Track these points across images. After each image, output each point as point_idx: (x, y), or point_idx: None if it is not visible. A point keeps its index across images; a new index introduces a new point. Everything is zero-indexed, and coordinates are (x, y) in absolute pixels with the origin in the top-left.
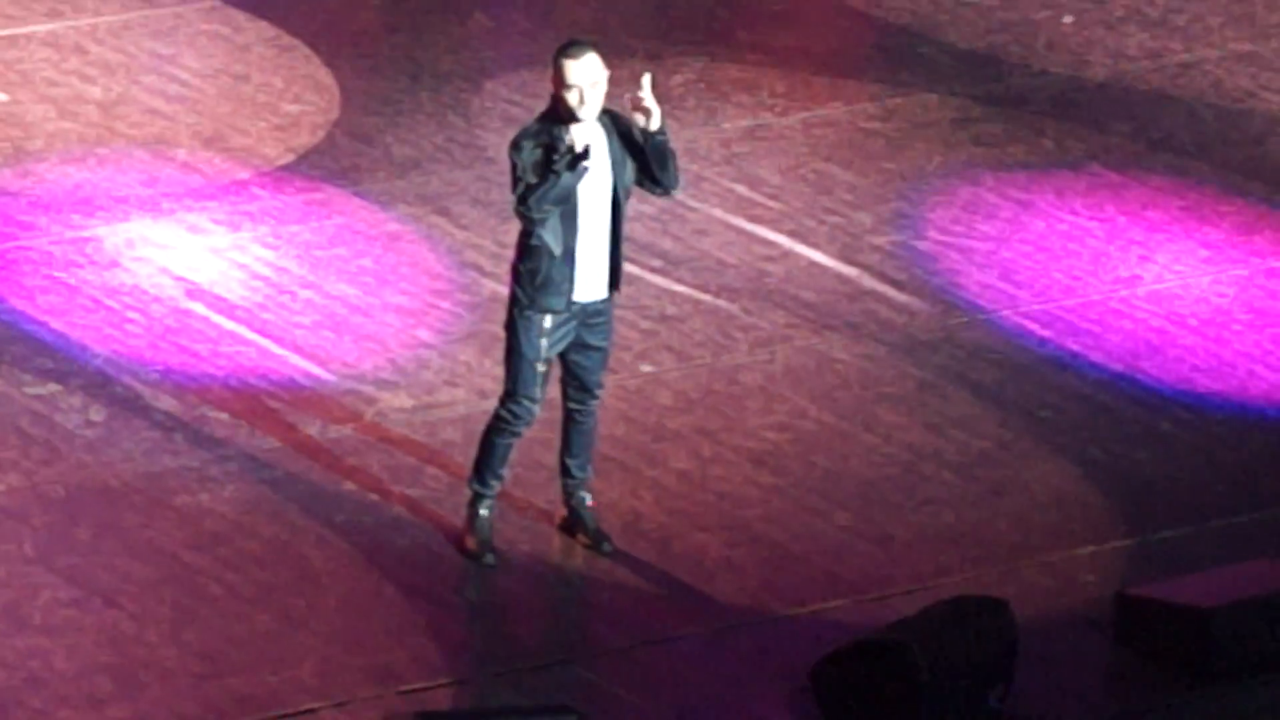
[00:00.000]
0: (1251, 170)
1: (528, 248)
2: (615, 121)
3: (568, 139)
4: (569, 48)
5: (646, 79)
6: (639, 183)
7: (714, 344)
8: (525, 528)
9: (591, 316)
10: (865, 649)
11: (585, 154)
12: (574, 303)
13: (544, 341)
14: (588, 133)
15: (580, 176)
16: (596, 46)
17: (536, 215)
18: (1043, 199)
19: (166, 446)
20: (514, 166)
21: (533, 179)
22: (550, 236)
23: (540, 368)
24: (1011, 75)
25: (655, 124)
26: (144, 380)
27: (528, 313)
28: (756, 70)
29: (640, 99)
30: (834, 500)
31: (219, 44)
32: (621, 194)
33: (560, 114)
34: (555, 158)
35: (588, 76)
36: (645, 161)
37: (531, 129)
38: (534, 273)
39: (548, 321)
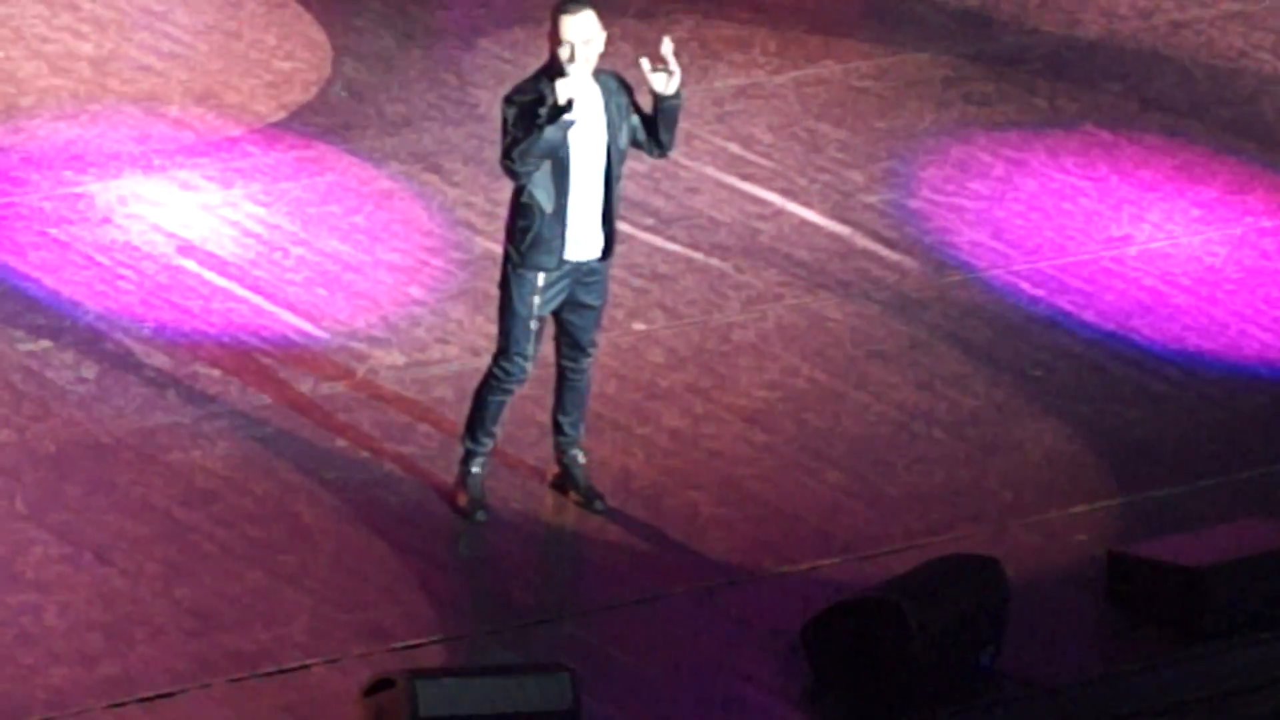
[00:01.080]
0: (1243, 129)
1: (520, 205)
2: (617, 83)
3: (553, 93)
4: (568, 2)
5: (667, 41)
6: (636, 143)
7: (706, 302)
8: (517, 485)
9: (585, 275)
10: (856, 607)
11: (569, 107)
12: (566, 261)
13: (536, 299)
14: (575, 88)
15: (564, 130)
16: (594, 5)
17: (520, 168)
18: (1035, 158)
19: (158, 403)
20: (504, 121)
21: (520, 133)
22: (541, 194)
23: (533, 325)
24: (1004, 34)
25: (674, 86)
26: (136, 337)
27: (520, 270)
28: (749, 28)
29: (665, 58)
30: (825, 458)
31: (211, 0)
32: (615, 156)
33: (555, 70)
34: (540, 111)
35: (581, 33)
36: (649, 124)
37: (524, 84)
38: (526, 230)
39: (540, 279)
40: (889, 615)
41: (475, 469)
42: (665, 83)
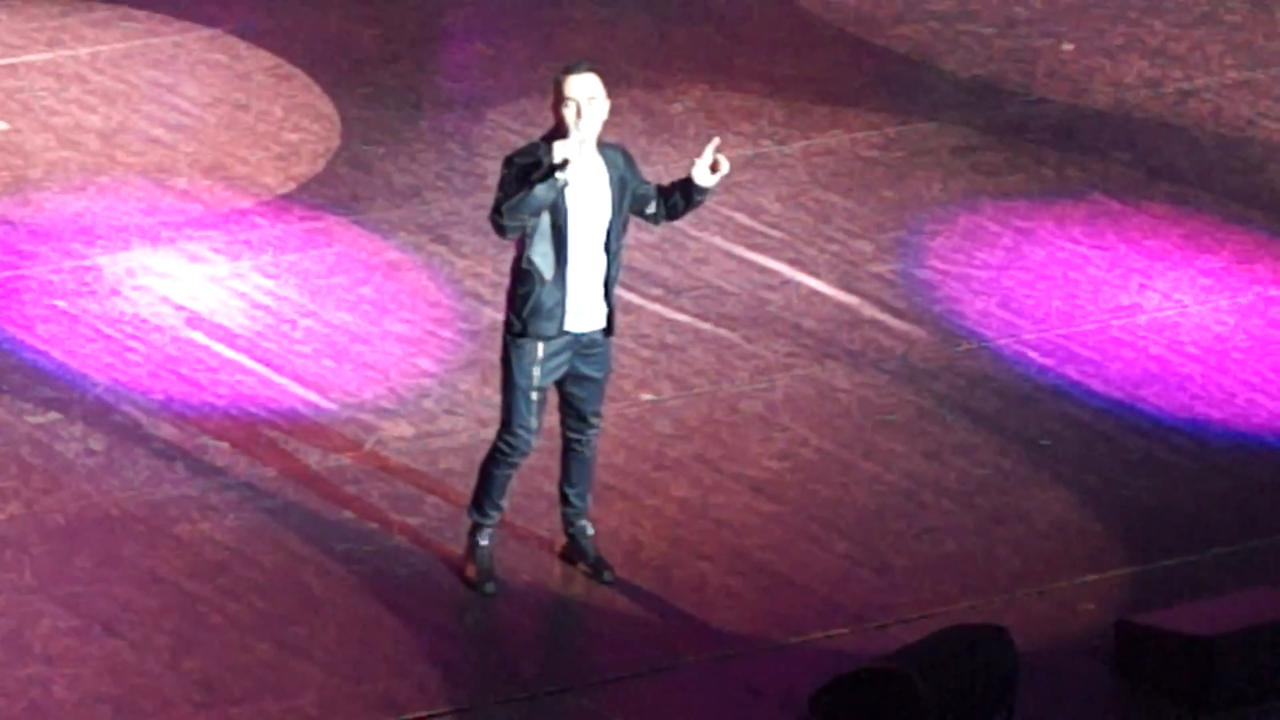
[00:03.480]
0: (1251, 198)
1: (520, 271)
2: (624, 159)
3: (549, 154)
4: (568, 67)
5: (716, 142)
6: (642, 212)
7: (714, 372)
8: (526, 556)
9: (586, 347)
10: (865, 677)
11: (563, 165)
12: (566, 331)
13: (536, 370)
14: (572, 149)
15: (555, 190)
16: (603, 77)
17: (505, 223)
18: (1043, 227)
19: (167, 475)
20: (501, 179)
21: (511, 190)
22: (540, 260)
23: (534, 396)
24: (1011, 104)
25: (715, 181)
26: (144, 409)
27: (520, 340)
28: (757, 99)
29: (719, 163)
30: (834, 528)
31: (219, 73)
32: (615, 231)
33: (558, 135)
34: (534, 170)
35: (585, 91)
36: (668, 196)
37: (526, 147)
38: (526, 297)
39: (540, 350)
40: (898, 685)
41: (483, 540)
42: (709, 177)
